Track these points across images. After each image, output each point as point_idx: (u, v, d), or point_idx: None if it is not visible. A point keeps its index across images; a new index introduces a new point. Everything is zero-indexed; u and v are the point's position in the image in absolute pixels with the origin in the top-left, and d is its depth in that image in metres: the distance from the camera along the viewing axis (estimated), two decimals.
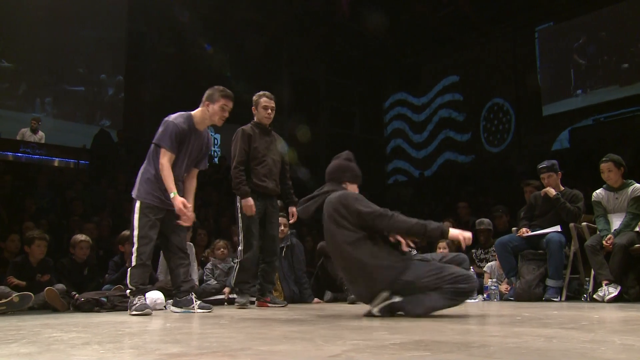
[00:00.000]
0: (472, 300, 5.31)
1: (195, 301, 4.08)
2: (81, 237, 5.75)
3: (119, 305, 4.67)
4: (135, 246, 3.94)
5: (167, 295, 4.77)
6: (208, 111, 4.10)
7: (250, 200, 4.57)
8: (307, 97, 16.60)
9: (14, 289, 4.86)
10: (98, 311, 4.45)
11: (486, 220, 6.39)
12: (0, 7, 11.06)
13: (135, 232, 3.96)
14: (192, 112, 4.15)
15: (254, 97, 4.92)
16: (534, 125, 14.41)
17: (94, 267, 5.72)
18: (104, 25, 13.37)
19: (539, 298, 4.94)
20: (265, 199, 4.76)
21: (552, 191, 5.21)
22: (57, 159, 11.98)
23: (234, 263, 5.90)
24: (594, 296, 4.62)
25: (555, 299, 4.85)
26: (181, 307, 4.09)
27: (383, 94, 18.23)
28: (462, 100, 16.08)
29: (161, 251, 5.36)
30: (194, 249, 6.13)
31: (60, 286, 4.91)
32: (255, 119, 4.90)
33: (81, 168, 11.93)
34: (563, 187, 5.37)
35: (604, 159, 5.02)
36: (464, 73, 16.02)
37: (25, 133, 11.00)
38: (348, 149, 3.57)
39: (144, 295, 4.01)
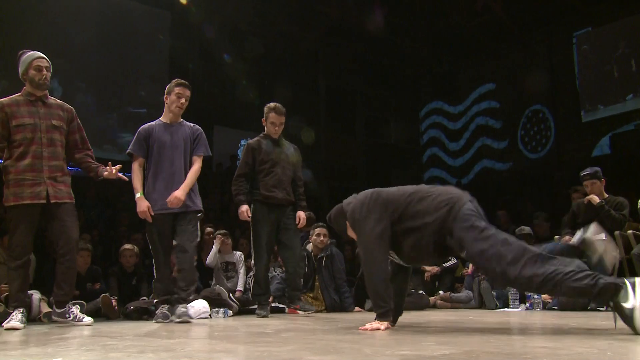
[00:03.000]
0: (515, 310, 5.21)
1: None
2: (127, 246, 5.91)
3: None
4: (154, 260, 4.11)
5: (212, 304, 4.83)
6: (167, 103, 4.26)
7: (242, 207, 4.61)
8: (343, 107, 16.62)
9: None
10: (146, 319, 4.53)
11: (526, 227, 6.28)
12: (60, 38, 11.47)
13: (150, 246, 4.13)
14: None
15: (265, 109, 4.88)
16: (573, 131, 14.06)
17: (142, 275, 5.83)
18: (149, 47, 13.74)
19: (583, 307, 4.80)
20: (276, 210, 4.71)
21: (595, 198, 5.06)
22: None
23: (275, 272, 5.95)
24: None
25: (601, 309, 4.70)
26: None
27: (419, 103, 18.09)
28: (498, 108, 15.82)
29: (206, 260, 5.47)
30: (243, 257, 6.21)
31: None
32: (265, 130, 4.91)
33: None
34: (607, 194, 5.21)
35: None
36: (501, 80, 15.78)
37: None
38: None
39: (167, 305, 4.04)
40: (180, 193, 3.99)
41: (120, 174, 4.04)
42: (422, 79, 17.83)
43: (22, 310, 3.60)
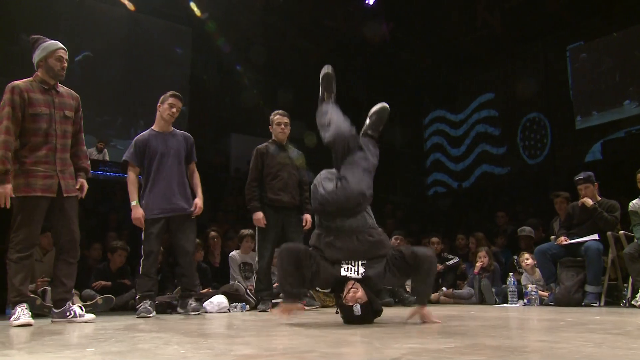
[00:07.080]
0: (513, 305, 5.17)
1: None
2: None
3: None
4: (142, 258, 4.08)
5: (231, 299, 4.84)
6: (159, 111, 4.26)
7: (259, 214, 4.61)
8: (350, 115, 16.62)
9: (98, 292, 5.06)
10: (170, 313, 4.54)
11: (527, 227, 6.23)
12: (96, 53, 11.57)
13: (142, 246, 4.11)
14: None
15: (270, 117, 4.91)
16: (567, 138, 13.97)
17: (166, 272, 5.85)
18: (170, 60, 13.86)
19: (578, 303, 4.76)
20: (281, 212, 4.70)
21: (589, 201, 5.02)
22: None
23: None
24: (632, 302, 4.42)
25: (594, 304, 4.66)
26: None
27: (422, 111, 18.04)
28: (497, 116, 15.75)
29: (229, 257, 5.48)
30: (256, 258, 6.18)
31: None
32: (272, 136, 4.91)
33: None
34: (600, 197, 5.16)
35: None
36: (499, 90, 15.71)
37: (92, 152, 11.28)
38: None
39: (148, 300, 4.03)
40: (200, 202, 4.23)
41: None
42: (425, 89, 17.79)
43: (25, 305, 3.20)
